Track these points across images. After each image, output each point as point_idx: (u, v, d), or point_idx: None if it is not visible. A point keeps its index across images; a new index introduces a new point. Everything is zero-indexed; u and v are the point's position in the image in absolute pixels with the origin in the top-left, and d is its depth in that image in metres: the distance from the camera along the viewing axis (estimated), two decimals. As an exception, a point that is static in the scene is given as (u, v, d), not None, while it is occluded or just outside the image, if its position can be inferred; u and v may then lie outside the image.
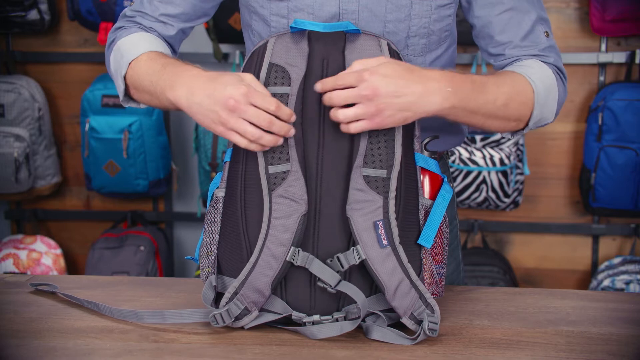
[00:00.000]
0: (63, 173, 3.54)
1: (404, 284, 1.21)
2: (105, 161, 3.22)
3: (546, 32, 1.42)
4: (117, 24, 1.49)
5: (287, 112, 1.20)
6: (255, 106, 1.19)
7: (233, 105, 1.19)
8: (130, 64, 1.39)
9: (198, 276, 3.14)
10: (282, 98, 1.24)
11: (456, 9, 1.42)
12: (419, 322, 1.21)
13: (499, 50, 1.42)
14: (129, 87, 1.42)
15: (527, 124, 1.38)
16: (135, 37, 1.43)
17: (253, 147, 1.21)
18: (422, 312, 1.21)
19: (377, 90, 1.18)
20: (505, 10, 1.39)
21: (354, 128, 1.20)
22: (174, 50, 1.51)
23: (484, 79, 1.30)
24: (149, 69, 1.35)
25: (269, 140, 1.20)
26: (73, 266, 3.62)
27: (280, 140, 1.21)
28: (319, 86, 1.21)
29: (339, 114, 1.20)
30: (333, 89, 1.20)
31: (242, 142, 1.21)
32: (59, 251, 3.41)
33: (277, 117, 1.20)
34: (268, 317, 1.24)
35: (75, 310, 1.36)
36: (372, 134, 1.23)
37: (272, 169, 1.22)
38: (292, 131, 1.21)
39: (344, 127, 1.21)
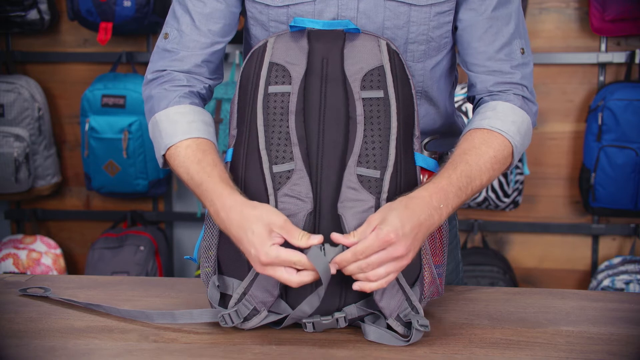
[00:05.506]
0: (63, 173, 3.54)
1: (391, 286, 1.21)
2: (105, 161, 3.22)
3: (522, 48, 1.40)
4: (158, 64, 1.40)
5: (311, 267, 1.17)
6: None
7: (260, 271, 1.18)
8: (168, 148, 1.34)
9: (198, 276, 3.14)
10: (283, 97, 1.24)
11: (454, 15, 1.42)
12: (405, 324, 1.21)
13: (472, 59, 1.40)
14: (168, 162, 1.36)
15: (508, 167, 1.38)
16: (172, 113, 1.35)
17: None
18: (408, 313, 1.21)
19: (409, 247, 1.17)
20: (486, 18, 1.38)
21: (386, 282, 1.18)
22: (217, 68, 1.44)
23: (467, 170, 1.27)
24: (186, 173, 1.31)
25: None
26: (73, 266, 3.62)
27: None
28: (333, 267, 1.17)
29: (370, 276, 1.17)
30: (355, 260, 1.17)
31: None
32: (58, 251, 3.41)
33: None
34: (269, 318, 1.24)
35: (75, 310, 1.36)
36: (367, 134, 1.23)
37: (277, 168, 1.22)
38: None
39: (375, 285, 1.17)
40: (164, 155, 1.35)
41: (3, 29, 3.31)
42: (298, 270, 1.17)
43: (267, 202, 1.21)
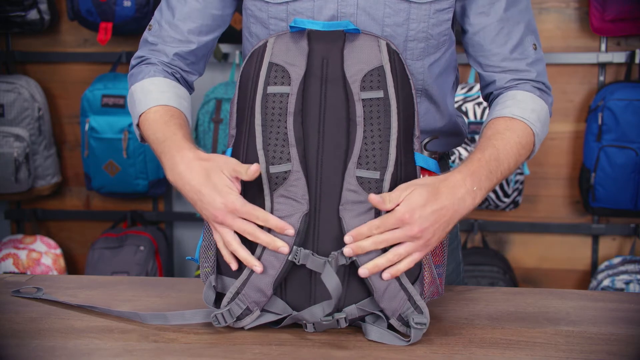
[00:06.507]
0: (63, 173, 3.54)
1: (393, 286, 1.21)
2: (105, 161, 3.22)
3: (534, 44, 1.44)
4: (140, 53, 1.49)
5: (276, 224, 1.19)
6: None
7: (221, 220, 1.21)
8: (140, 116, 1.41)
9: (198, 276, 3.14)
10: (282, 97, 1.24)
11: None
12: (407, 324, 1.21)
13: (487, 61, 1.43)
14: (142, 132, 1.42)
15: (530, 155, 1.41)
16: (147, 84, 1.43)
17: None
18: (410, 313, 1.21)
19: (425, 230, 1.18)
20: (497, 20, 1.40)
21: (406, 265, 1.19)
22: (193, 64, 1.49)
23: (495, 153, 1.30)
24: (153, 134, 1.36)
25: (263, 240, 1.20)
26: (73, 266, 3.62)
27: (283, 248, 1.19)
28: (348, 239, 1.18)
29: (391, 257, 1.18)
30: (369, 235, 1.18)
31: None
32: (58, 251, 3.41)
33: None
34: (268, 318, 1.24)
35: (75, 310, 1.36)
36: (367, 135, 1.22)
37: (273, 169, 1.22)
38: (284, 248, 1.19)
39: (402, 265, 1.19)
40: (139, 126, 1.41)
41: (3, 29, 3.31)
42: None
43: (263, 202, 1.22)
